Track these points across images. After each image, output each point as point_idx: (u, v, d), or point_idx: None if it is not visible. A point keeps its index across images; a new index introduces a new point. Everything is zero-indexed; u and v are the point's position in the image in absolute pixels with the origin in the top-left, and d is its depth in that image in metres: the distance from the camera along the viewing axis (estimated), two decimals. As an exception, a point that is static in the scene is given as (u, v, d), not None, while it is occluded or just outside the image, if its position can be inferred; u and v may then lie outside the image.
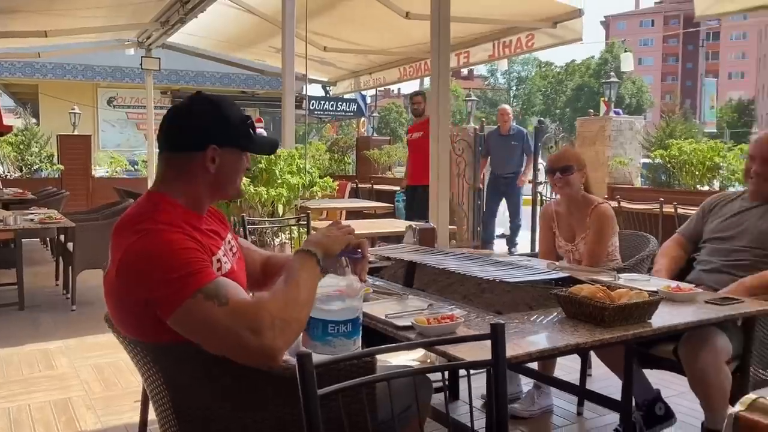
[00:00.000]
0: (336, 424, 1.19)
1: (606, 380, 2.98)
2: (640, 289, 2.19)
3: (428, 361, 3.34)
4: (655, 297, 1.95)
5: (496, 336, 1.10)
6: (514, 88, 58.35)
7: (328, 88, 12.44)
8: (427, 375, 1.83)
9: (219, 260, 1.52)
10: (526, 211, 7.94)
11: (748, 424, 0.78)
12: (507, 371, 3.23)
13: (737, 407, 0.80)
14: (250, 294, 1.72)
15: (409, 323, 1.79)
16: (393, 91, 54.38)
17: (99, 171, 12.66)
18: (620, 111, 8.21)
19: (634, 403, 2.67)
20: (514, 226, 7.83)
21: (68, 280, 5.22)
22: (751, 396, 0.82)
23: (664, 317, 1.97)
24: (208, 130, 1.51)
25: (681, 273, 2.78)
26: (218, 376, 1.45)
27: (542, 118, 9.78)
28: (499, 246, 7.99)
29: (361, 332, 1.52)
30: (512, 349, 1.64)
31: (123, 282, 1.40)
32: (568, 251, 3.07)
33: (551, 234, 3.16)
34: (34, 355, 3.83)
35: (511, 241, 7.86)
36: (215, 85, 16.18)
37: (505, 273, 2.23)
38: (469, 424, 1.34)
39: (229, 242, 1.67)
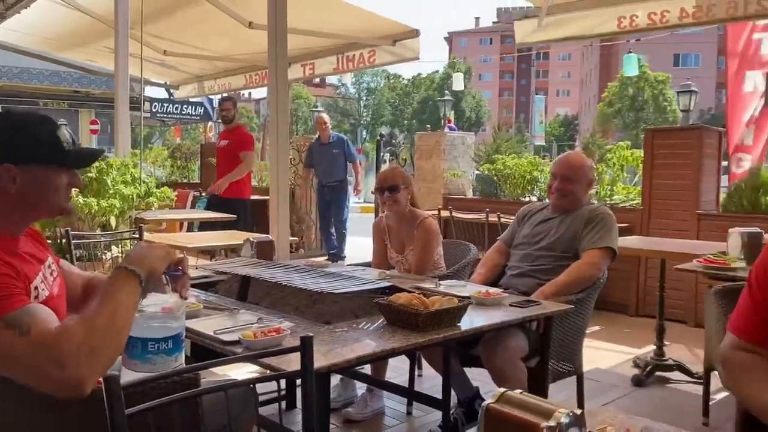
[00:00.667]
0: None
1: (434, 380, 3.21)
2: (454, 295, 2.42)
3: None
4: (463, 302, 2.17)
5: (305, 348, 1.20)
6: (364, 98, 59.71)
7: (171, 90, 11.98)
8: (255, 387, 1.90)
9: (36, 287, 1.47)
10: (367, 218, 8.16)
11: (496, 413, 0.95)
12: (342, 377, 3.35)
13: (489, 399, 0.97)
14: (69, 317, 1.68)
15: (236, 338, 1.85)
16: (243, 95, 53.37)
17: None
18: (455, 127, 8.77)
19: (456, 401, 2.92)
20: (339, 236, 7.73)
21: None
22: (501, 390, 0.99)
23: (472, 320, 2.19)
24: (1, 148, 1.46)
25: (498, 279, 3.09)
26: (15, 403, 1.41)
27: (383, 132, 10.18)
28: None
29: (183, 349, 1.55)
30: (333, 357, 1.76)
31: None
32: (398, 261, 3.28)
33: (383, 245, 3.36)
34: None
35: (337, 254, 7.68)
36: (44, 83, 14.91)
37: (334, 284, 2.35)
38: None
39: (50, 266, 1.62)
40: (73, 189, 1.61)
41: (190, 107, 17.52)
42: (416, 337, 1.98)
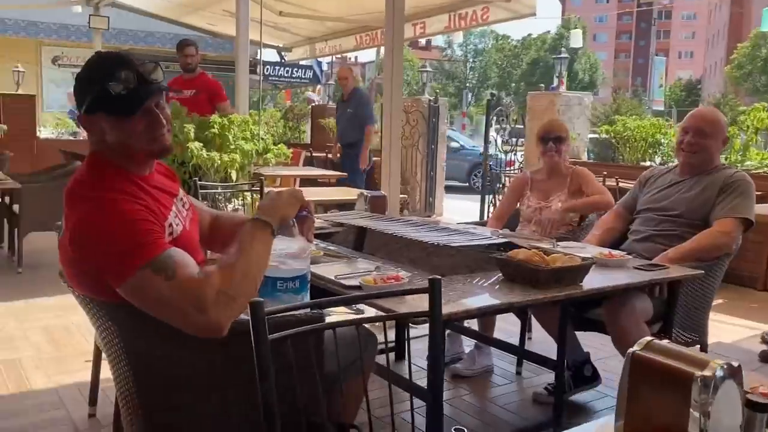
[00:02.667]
0: (285, 374, 1.28)
1: (543, 343, 3.15)
2: (574, 255, 2.34)
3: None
4: (586, 262, 2.10)
5: (434, 290, 1.20)
6: (471, 60, 58.50)
7: (283, 54, 12.27)
8: (373, 333, 1.94)
9: (171, 224, 1.54)
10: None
11: (642, 360, 0.90)
12: (450, 332, 3.38)
13: (635, 347, 0.93)
14: (207, 253, 1.77)
15: (357, 283, 1.89)
16: (350, 58, 53.80)
17: (44, 132, 12.25)
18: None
19: (565, 364, 2.86)
20: None
21: (14, 242, 5.13)
22: (648, 338, 0.94)
23: (594, 281, 2.11)
24: (85, 96, 1.48)
25: (615, 243, 2.95)
26: (166, 339, 1.51)
27: (494, 92, 9.92)
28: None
29: (308, 290, 1.60)
30: (452, 307, 1.75)
31: (76, 250, 1.43)
32: (537, 208, 3.24)
33: (517, 198, 3.35)
34: (-21, 317, 3.79)
35: None
36: (165, 46, 15.69)
37: (449, 238, 2.35)
38: (416, 381, 1.42)
39: (181, 199, 1.68)
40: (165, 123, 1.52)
41: (300, 70, 17.89)
42: (535, 293, 1.94)
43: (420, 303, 1.74)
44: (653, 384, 0.89)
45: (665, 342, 0.93)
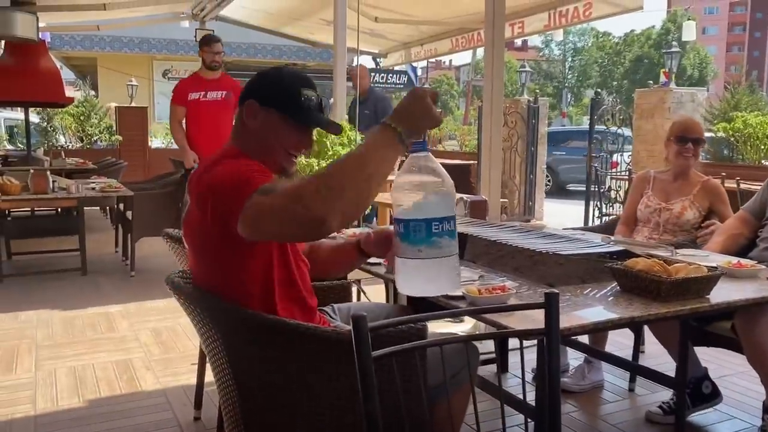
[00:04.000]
0: (388, 389, 1.21)
1: (659, 357, 2.93)
2: (699, 264, 2.13)
3: (476, 332, 3.35)
4: (714, 272, 1.90)
5: (550, 305, 1.09)
6: (569, 59, 56.77)
7: (378, 59, 12.36)
8: (476, 344, 1.83)
9: None
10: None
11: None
12: (557, 344, 3.21)
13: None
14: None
15: (461, 293, 1.79)
16: (444, 62, 53.70)
17: (155, 142, 12.99)
18: (667, 81, 7.86)
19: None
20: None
21: (127, 247, 5.42)
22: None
23: (722, 293, 1.91)
24: (258, 90, 1.61)
25: (741, 252, 2.69)
26: (265, 346, 1.49)
27: (598, 90, 9.49)
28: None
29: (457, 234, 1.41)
30: (565, 321, 1.61)
31: (201, 208, 1.49)
32: (657, 210, 3.04)
33: (639, 198, 3.16)
34: (96, 318, 4.01)
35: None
36: (266, 57, 16.30)
37: (557, 246, 2.20)
38: (520, 396, 1.33)
39: None
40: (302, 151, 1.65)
41: (394, 76, 18.02)
42: (657, 307, 1.76)
43: (529, 315, 1.63)
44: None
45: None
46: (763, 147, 5.73)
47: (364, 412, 0.94)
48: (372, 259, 1.93)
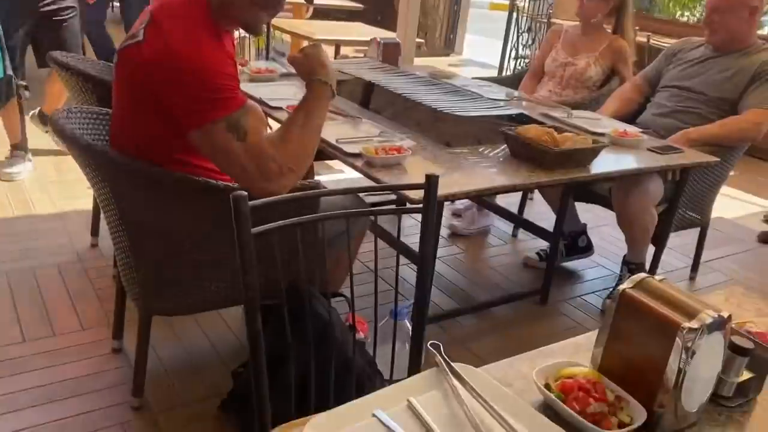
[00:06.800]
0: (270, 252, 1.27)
1: (543, 204, 3.14)
2: (587, 131, 2.25)
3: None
4: (598, 144, 2.01)
5: (430, 187, 1.15)
6: None
7: None
8: (365, 202, 1.92)
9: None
10: (495, 16, 7.43)
11: (633, 301, 0.88)
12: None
13: (627, 284, 0.89)
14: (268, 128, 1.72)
15: (358, 150, 1.83)
16: None
17: None
18: None
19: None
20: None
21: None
22: (641, 275, 0.90)
23: (603, 163, 2.04)
24: None
25: (631, 116, 2.83)
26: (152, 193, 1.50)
27: None
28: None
29: None
30: (451, 186, 1.71)
31: (159, 73, 1.39)
32: (563, 64, 3.07)
33: (549, 53, 3.17)
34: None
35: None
36: None
37: (460, 105, 2.24)
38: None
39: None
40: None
41: None
42: (540, 174, 1.88)
43: (419, 175, 1.70)
44: (639, 326, 0.87)
45: (659, 279, 0.90)
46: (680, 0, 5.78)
47: (243, 282, 0.99)
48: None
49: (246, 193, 0.98)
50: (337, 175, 3.64)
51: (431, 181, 1.16)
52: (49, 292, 2.29)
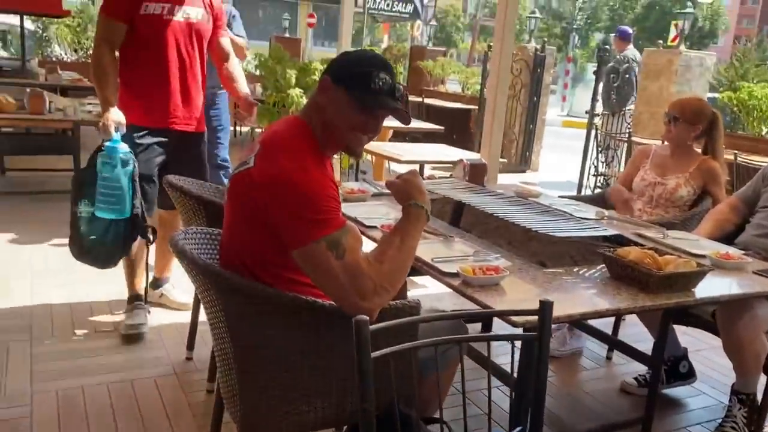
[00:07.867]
0: (381, 372, 1.27)
1: (639, 326, 3.01)
2: (687, 253, 2.19)
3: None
4: (703, 268, 1.95)
5: (544, 313, 1.14)
6: (579, 0, 55.17)
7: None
8: (464, 324, 1.90)
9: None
10: (569, 133, 7.54)
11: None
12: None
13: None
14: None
15: (455, 270, 1.84)
16: (452, -8, 51.96)
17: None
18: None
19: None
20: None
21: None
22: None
23: (708, 287, 1.97)
24: (335, 68, 1.63)
25: (729, 238, 2.74)
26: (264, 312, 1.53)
27: (606, 46, 9.25)
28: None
29: None
30: (555, 310, 1.67)
31: (269, 198, 1.48)
32: (652, 184, 3.07)
33: (635, 172, 3.20)
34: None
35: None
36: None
37: (552, 224, 2.24)
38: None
39: None
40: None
41: (400, 4, 17.52)
42: (644, 299, 1.82)
43: (519, 297, 1.68)
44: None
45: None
46: (766, 118, 5.71)
47: (360, 410, 0.99)
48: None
49: (368, 318, 1.00)
50: (420, 291, 3.64)
51: (545, 307, 1.15)
52: (146, 405, 2.34)
